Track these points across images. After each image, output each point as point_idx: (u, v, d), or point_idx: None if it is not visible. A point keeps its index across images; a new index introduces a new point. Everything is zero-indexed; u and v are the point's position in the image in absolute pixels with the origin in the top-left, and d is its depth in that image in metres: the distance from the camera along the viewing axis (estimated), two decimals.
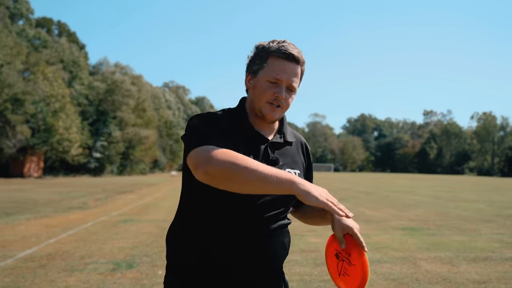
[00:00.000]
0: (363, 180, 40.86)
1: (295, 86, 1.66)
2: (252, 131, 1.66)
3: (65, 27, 56.92)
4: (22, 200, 15.14)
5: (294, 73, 1.64)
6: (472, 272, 5.63)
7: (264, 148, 1.66)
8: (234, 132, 1.63)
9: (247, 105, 1.73)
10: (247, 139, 1.64)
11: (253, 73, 1.67)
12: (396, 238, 8.18)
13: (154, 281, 5.13)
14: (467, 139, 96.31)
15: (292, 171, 1.70)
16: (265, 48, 1.65)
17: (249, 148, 1.63)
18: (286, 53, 1.62)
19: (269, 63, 1.63)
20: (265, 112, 1.64)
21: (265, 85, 1.63)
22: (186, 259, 1.63)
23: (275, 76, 1.61)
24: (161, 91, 78.56)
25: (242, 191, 1.43)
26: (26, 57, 39.89)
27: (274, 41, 1.67)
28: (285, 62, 1.62)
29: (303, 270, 5.66)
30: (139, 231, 8.76)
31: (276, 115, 1.65)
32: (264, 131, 1.71)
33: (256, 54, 1.68)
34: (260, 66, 1.65)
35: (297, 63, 1.64)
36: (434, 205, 15.08)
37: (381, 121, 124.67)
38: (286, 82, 1.62)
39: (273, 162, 1.64)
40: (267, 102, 1.63)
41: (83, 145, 43.88)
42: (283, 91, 1.62)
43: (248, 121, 1.68)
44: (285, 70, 1.62)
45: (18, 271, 5.53)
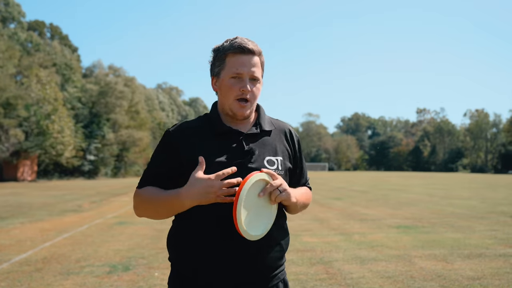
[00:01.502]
0: (357, 179, 40.99)
1: (258, 76, 1.72)
2: (224, 128, 1.72)
3: (57, 30, 56.61)
4: (16, 204, 15.07)
5: (253, 64, 1.70)
6: (467, 268, 5.69)
7: (239, 141, 1.71)
8: (206, 135, 1.71)
9: (218, 107, 1.80)
10: (220, 137, 1.71)
11: (216, 75, 1.75)
12: (391, 236, 8.23)
13: (150, 283, 5.14)
14: (460, 137, 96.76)
15: (274, 158, 1.74)
16: (221, 49, 1.72)
17: (223, 145, 1.69)
18: (241, 47, 1.68)
19: (228, 61, 1.70)
20: (235, 110, 1.71)
21: (229, 83, 1.69)
22: (183, 262, 1.70)
23: (235, 71, 1.68)
24: (155, 93, 78.35)
25: (162, 218, 1.73)
26: (19, 61, 39.64)
27: (228, 40, 1.74)
28: (242, 56, 1.69)
29: (298, 270, 5.68)
30: (135, 233, 8.75)
31: (245, 110, 1.71)
32: (240, 126, 1.76)
33: (215, 57, 1.75)
34: (221, 66, 1.72)
35: (253, 54, 1.71)
36: (428, 203, 15.17)
37: (375, 119, 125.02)
38: (247, 74, 1.69)
39: (248, 153, 1.69)
40: (235, 100, 1.69)
41: (77, 148, 43.66)
42: (247, 84, 1.69)
43: (219, 120, 1.75)
44: (243, 63, 1.69)
45: (14, 275, 5.52)
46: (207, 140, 1.70)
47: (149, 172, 1.76)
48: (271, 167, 1.71)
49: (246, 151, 1.69)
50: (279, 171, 1.73)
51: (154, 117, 67.26)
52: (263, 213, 1.61)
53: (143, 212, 1.74)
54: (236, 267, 1.62)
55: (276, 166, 1.73)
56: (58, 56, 48.17)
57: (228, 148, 1.69)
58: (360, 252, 6.81)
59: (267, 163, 1.72)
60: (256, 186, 1.56)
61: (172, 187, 1.68)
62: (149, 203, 1.68)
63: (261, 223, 1.60)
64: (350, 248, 7.09)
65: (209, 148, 1.67)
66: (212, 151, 1.67)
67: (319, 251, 6.85)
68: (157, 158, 1.76)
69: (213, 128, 1.73)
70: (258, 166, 1.68)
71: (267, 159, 1.72)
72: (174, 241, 1.75)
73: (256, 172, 1.58)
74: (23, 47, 44.64)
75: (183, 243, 1.69)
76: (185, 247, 1.67)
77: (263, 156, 1.72)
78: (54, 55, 47.65)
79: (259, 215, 1.59)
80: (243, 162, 1.66)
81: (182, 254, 1.70)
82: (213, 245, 1.62)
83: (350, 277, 5.32)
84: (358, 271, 5.59)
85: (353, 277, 5.32)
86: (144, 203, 1.70)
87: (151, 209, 1.69)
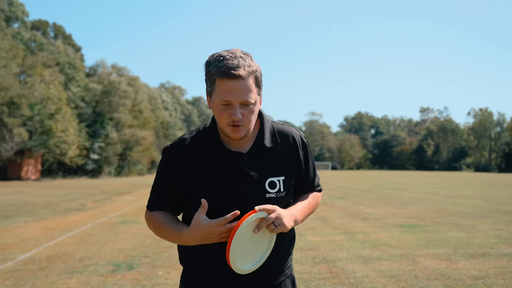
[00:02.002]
0: (360, 178, 40.94)
1: (250, 101, 1.57)
2: (224, 151, 1.66)
3: (60, 29, 56.74)
4: (21, 203, 15.13)
5: (242, 89, 1.55)
6: (471, 268, 5.67)
7: (239, 166, 1.65)
8: (204, 159, 1.67)
9: (218, 124, 1.69)
10: (220, 161, 1.65)
11: (209, 95, 1.64)
12: (394, 236, 8.22)
13: (154, 281, 5.16)
14: (464, 136, 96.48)
15: (275, 179, 1.68)
16: (209, 71, 1.58)
17: (223, 170, 1.65)
18: (226, 73, 1.53)
19: (217, 85, 1.57)
20: (229, 134, 1.62)
21: (219, 109, 1.59)
22: (190, 263, 1.74)
23: (223, 99, 1.56)
24: (158, 92, 78.44)
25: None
26: (22, 60, 39.78)
27: (216, 58, 1.58)
28: (230, 81, 1.54)
29: (302, 268, 5.69)
30: (138, 232, 8.77)
31: (240, 133, 1.61)
32: (241, 144, 1.69)
33: (206, 75, 1.62)
34: (212, 88, 1.60)
35: (241, 78, 1.54)
36: (432, 202, 15.14)
37: (378, 118, 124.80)
38: (237, 101, 1.56)
39: (248, 178, 1.64)
40: (228, 125, 1.60)
41: (80, 147, 43.79)
42: (237, 111, 1.56)
43: (218, 141, 1.67)
44: (231, 90, 1.54)
45: (19, 274, 5.54)
46: (206, 165, 1.65)
47: (155, 193, 1.79)
48: (272, 190, 1.66)
49: (246, 177, 1.64)
50: (280, 193, 1.68)
51: (157, 116, 67.35)
52: (260, 243, 1.61)
53: (157, 235, 1.80)
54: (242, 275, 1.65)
55: (278, 189, 1.68)
56: (61, 55, 48.29)
57: (227, 174, 1.64)
58: (364, 251, 6.81)
59: (269, 186, 1.67)
60: (252, 224, 1.54)
61: (179, 206, 1.76)
62: (159, 232, 1.75)
63: (259, 253, 1.62)
64: (354, 247, 7.09)
65: (208, 175, 1.64)
66: (211, 178, 1.63)
67: (323, 250, 6.85)
68: (160, 178, 1.77)
69: (213, 151, 1.66)
70: (257, 191, 1.65)
71: (269, 181, 1.67)
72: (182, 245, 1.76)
73: (251, 213, 1.53)
74: (26, 47, 44.78)
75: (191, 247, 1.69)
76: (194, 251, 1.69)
77: (264, 178, 1.67)
78: (58, 54, 47.77)
79: (256, 247, 1.60)
80: (243, 190, 1.63)
81: (191, 256, 1.73)
82: (220, 250, 1.61)
83: (354, 276, 5.32)
84: (361, 270, 5.58)
85: (357, 276, 5.32)
86: (156, 231, 1.76)
87: (163, 237, 1.76)
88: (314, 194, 1.87)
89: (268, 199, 1.65)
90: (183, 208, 1.76)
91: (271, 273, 1.71)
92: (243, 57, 1.57)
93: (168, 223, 1.70)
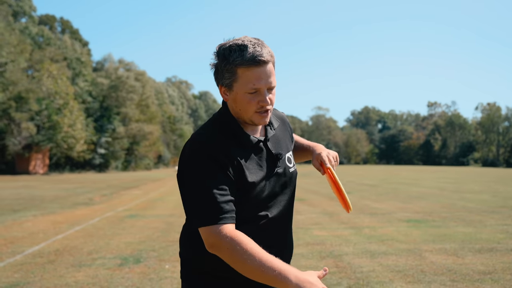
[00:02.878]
0: (367, 173, 40.84)
1: (274, 84, 1.59)
2: (250, 139, 1.64)
3: (68, 24, 56.93)
4: (29, 197, 15.25)
5: (269, 74, 1.56)
6: (478, 263, 5.66)
7: (265, 148, 1.67)
8: (234, 148, 1.59)
9: (232, 113, 1.65)
10: (247, 147, 1.63)
11: (227, 86, 1.59)
12: (401, 230, 8.20)
13: (161, 275, 5.19)
14: (471, 130, 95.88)
15: (289, 154, 1.76)
16: (230, 60, 1.53)
17: (254, 155, 1.63)
18: (256, 61, 1.51)
19: (240, 74, 1.54)
20: (256, 122, 1.61)
21: (246, 98, 1.56)
22: (198, 260, 1.67)
23: (252, 87, 1.54)
24: (164, 87, 78.56)
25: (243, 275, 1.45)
26: (30, 55, 39.99)
27: (234, 47, 1.53)
28: (257, 69, 1.53)
29: (308, 263, 5.69)
30: (145, 226, 8.82)
31: (267, 119, 1.62)
32: (255, 129, 1.69)
33: (222, 66, 1.56)
34: (232, 79, 1.56)
35: (267, 63, 1.54)
36: (439, 197, 15.09)
37: (385, 113, 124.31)
38: (265, 87, 1.56)
39: (277, 159, 1.68)
40: (255, 112, 1.59)
41: (87, 142, 44.03)
42: (266, 97, 1.57)
43: (242, 130, 1.64)
44: (260, 77, 1.54)
45: (27, 267, 5.60)
46: (241, 154, 1.60)
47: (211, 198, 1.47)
48: (289, 164, 1.74)
49: (277, 158, 1.69)
50: (295, 166, 1.77)
51: (164, 110, 67.51)
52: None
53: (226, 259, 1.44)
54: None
55: (293, 163, 1.77)
56: (69, 50, 48.49)
57: (260, 159, 1.65)
58: (370, 246, 6.80)
59: (287, 161, 1.74)
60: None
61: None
62: (243, 259, 1.40)
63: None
64: (360, 242, 7.09)
65: (249, 163, 1.60)
66: (253, 165, 1.61)
67: (329, 245, 6.86)
68: (209, 175, 1.50)
69: (239, 139, 1.62)
70: (284, 169, 1.71)
71: (287, 157, 1.74)
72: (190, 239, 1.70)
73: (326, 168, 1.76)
74: (34, 41, 45.00)
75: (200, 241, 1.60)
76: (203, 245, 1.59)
77: (284, 156, 1.73)
78: (65, 49, 47.97)
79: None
80: (276, 171, 1.68)
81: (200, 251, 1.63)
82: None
83: (360, 270, 5.32)
84: (368, 265, 5.58)
85: (363, 270, 5.32)
86: (235, 255, 1.41)
87: (241, 266, 1.42)
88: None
89: (291, 173, 1.74)
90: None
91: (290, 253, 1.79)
92: (260, 43, 1.56)
93: (257, 251, 1.40)
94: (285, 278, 1.34)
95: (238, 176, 1.54)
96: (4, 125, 35.88)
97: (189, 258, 1.72)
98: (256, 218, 1.61)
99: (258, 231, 1.61)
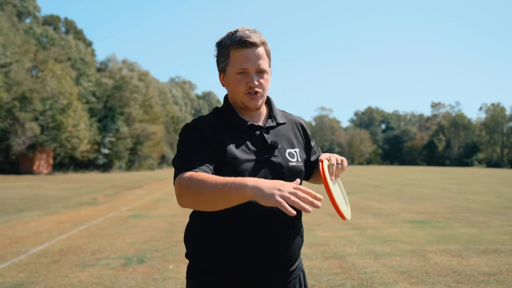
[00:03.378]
0: (371, 173, 40.77)
1: (264, 68, 1.68)
2: (244, 122, 1.71)
3: (72, 24, 57.10)
4: (33, 197, 15.29)
5: (257, 57, 1.66)
6: (482, 264, 5.63)
7: (260, 135, 1.71)
8: (224, 130, 1.68)
9: (230, 100, 1.77)
10: (240, 132, 1.70)
11: (223, 71, 1.72)
12: (405, 231, 8.18)
13: (165, 275, 5.19)
14: (475, 131, 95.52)
15: (292, 150, 1.76)
16: (223, 44, 1.69)
17: (245, 139, 1.69)
18: (242, 41, 1.64)
19: (232, 56, 1.67)
20: (246, 103, 1.69)
21: (236, 79, 1.67)
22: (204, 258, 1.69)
23: (240, 67, 1.65)
24: (168, 87, 78.67)
25: (211, 208, 1.47)
26: (34, 55, 40.11)
27: (229, 34, 1.70)
28: (245, 50, 1.65)
29: (312, 264, 5.69)
30: (149, 226, 8.83)
31: (257, 102, 1.70)
32: (254, 119, 1.75)
33: (219, 52, 1.71)
34: (226, 62, 1.69)
35: (256, 46, 1.66)
36: (443, 198, 15.04)
37: (389, 113, 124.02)
38: (253, 68, 1.66)
39: (272, 147, 1.70)
40: (245, 94, 1.68)
41: (91, 142, 44.13)
42: (254, 78, 1.66)
43: (237, 115, 1.73)
44: (247, 57, 1.65)
45: (32, 266, 5.61)
46: (231, 134, 1.68)
47: (186, 156, 1.59)
48: (292, 159, 1.73)
49: (270, 145, 1.70)
50: (299, 162, 1.75)
51: (168, 111, 67.60)
52: (339, 189, 1.73)
53: (189, 197, 1.46)
54: (261, 259, 1.63)
55: (296, 158, 1.75)
56: (73, 50, 48.61)
57: (252, 143, 1.69)
58: (374, 246, 6.79)
59: (288, 155, 1.73)
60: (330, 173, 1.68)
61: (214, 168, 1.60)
62: (201, 187, 1.42)
63: (345, 197, 1.76)
64: (364, 243, 7.07)
65: (233, 144, 1.65)
66: (237, 147, 1.66)
67: (333, 246, 6.85)
68: (189, 143, 1.63)
69: (233, 124, 1.71)
70: (281, 160, 1.70)
71: (288, 151, 1.74)
72: (195, 235, 1.73)
73: (322, 165, 1.65)
74: (38, 42, 45.14)
75: (206, 236, 1.67)
76: (209, 240, 1.66)
77: (284, 148, 1.74)
78: (69, 49, 48.10)
79: (339, 192, 1.72)
80: (269, 157, 1.68)
81: (205, 247, 1.68)
82: (239, 238, 1.62)
83: (364, 271, 5.31)
84: (372, 266, 5.57)
85: (367, 271, 5.31)
86: (196, 187, 1.43)
87: (202, 195, 1.42)
88: None
89: (291, 166, 1.72)
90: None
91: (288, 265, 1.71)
92: (253, 30, 1.70)
93: (213, 177, 1.44)
94: (241, 183, 1.37)
95: (220, 151, 1.61)
96: (9, 125, 36.01)
97: (192, 256, 1.74)
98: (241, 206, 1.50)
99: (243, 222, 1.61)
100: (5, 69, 36.11)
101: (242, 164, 1.62)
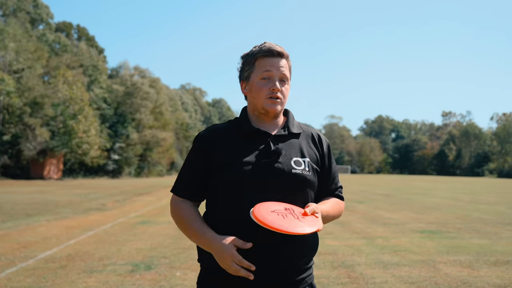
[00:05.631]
0: (380, 182, 40.53)
1: (287, 75, 1.81)
2: (252, 128, 1.78)
3: (84, 31, 57.64)
4: (43, 202, 15.38)
5: (281, 65, 1.79)
6: (493, 276, 5.55)
7: (266, 142, 1.75)
8: (233, 136, 1.77)
9: (248, 110, 1.87)
10: (248, 137, 1.76)
11: (246, 79, 1.83)
12: (415, 241, 8.10)
13: (172, 282, 5.17)
14: (486, 141, 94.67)
15: (301, 159, 1.77)
16: (250, 54, 1.82)
17: (250, 145, 1.74)
18: (270, 50, 1.78)
19: (257, 64, 1.79)
20: (267, 107, 1.77)
21: (259, 84, 1.77)
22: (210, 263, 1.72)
23: (264, 71, 1.77)
24: (178, 94, 79.00)
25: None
26: (47, 61, 40.53)
27: (256, 46, 1.83)
28: (271, 58, 1.78)
29: (320, 273, 5.64)
30: (157, 233, 8.82)
31: (277, 106, 1.78)
32: (269, 128, 1.81)
33: (244, 62, 1.84)
34: (250, 70, 1.81)
35: (281, 57, 1.80)
36: (453, 208, 14.89)
37: (399, 122, 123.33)
38: (277, 75, 1.77)
39: (275, 153, 1.73)
40: (266, 98, 1.76)
41: (101, 148, 44.36)
42: (277, 83, 1.76)
43: (247, 122, 1.80)
44: (273, 64, 1.77)
45: (40, 271, 5.63)
46: (234, 140, 1.76)
47: (183, 177, 1.85)
48: (298, 167, 1.74)
49: (272, 151, 1.73)
50: (306, 171, 1.76)
51: (178, 117, 67.80)
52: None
53: (178, 226, 1.84)
54: (265, 269, 1.64)
55: (303, 167, 1.76)
56: (85, 57, 49.03)
57: (255, 148, 1.74)
58: (383, 256, 6.72)
59: (294, 163, 1.75)
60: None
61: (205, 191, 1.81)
62: (181, 225, 1.80)
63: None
64: (373, 252, 7.00)
65: (236, 148, 1.74)
66: (239, 150, 1.73)
67: (341, 255, 6.79)
68: (190, 162, 1.84)
69: (241, 129, 1.79)
70: (283, 166, 1.72)
71: (294, 159, 1.76)
72: None
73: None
74: (51, 48, 45.62)
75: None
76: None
77: (290, 156, 1.76)
78: (81, 56, 48.53)
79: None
80: (270, 162, 1.71)
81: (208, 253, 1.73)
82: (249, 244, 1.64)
83: (373, 281, 5.25)
84: (381, 276, 5.51)
85: (376, 281, 5.25)
86: (179, 222, 1.81)
87: (183, 230, 1.81)
88: (337, 200, 1.92)
89: (294, 174, 1.73)
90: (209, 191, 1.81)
91: (291, 277, 1.70)
92: (279, 46, 1.83)
93: (194, 221, 1.75)
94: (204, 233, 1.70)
95: (222, 155, 1.73)
96: (20, 131, 36.35)
97: (200, 261, 1.82)
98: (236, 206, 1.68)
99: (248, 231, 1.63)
100: (18, 75, 36.50)
101: (242, 166, 1.68)
